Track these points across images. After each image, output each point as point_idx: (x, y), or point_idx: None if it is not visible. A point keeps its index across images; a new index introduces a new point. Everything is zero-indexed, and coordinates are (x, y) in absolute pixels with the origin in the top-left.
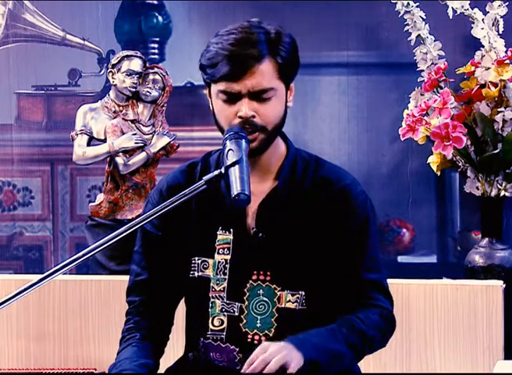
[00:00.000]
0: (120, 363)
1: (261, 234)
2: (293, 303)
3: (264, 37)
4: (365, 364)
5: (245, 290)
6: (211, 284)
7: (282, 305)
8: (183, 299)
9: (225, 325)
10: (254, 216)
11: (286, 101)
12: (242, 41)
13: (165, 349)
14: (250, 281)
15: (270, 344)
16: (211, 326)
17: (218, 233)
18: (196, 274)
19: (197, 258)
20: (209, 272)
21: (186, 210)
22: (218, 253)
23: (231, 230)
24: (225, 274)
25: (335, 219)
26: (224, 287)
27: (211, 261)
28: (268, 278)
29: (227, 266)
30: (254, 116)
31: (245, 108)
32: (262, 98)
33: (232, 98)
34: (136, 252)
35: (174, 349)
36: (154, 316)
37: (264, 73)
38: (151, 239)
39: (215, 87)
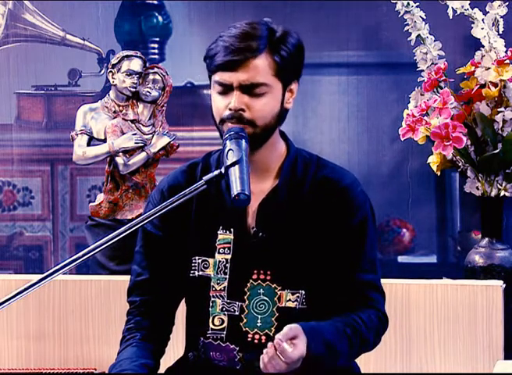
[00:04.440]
0: (120, 363)
1: (261, 234)
2: (293, 302)
3: (267, 32)
4: (365, 364)
5: (245, 289)
6: (212, 284)
7: (283, 305)
8: (184, 299)
9: (225, 324)
10: (254, 216)
11: (283, 102)
12: (243, 35)
13: (165, 349)
14: (251, 280)
15: (300, 337)
16: (211, 325)
17: (218, 232)
18: (196, 273)
19: (197, 258)
20: (210, 271)
21: (187, 210)
22: (219, 252)
23: (231, 229)
24: (225, 273)
25: (334, 219)
26: (224, 287)
27: (211, 260)
28: (268, 277)
29: (227, 265)
30: (243, 110)
31: (234, 100)
32: (254, 93)
33: (225, 90)
34: (137, 252)
35: (174, 349)
36: (155, 315)
37: (259, 68)
38: (151, 239)
39: (212, 78)
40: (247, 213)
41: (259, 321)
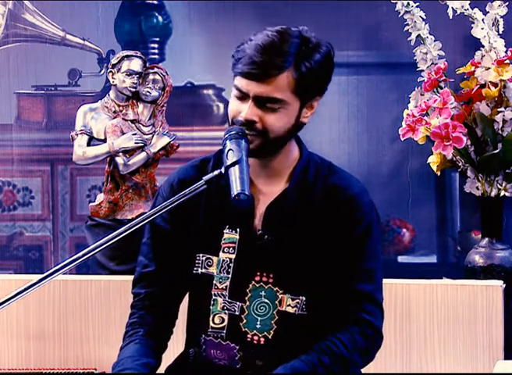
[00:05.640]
0: (122, 362)
1: (266, 236)
2: (292, 308)
3: (295, 49)
4: None
5: (247, 290)
6: (214, 282)
7: (283, 308)
8: (188, 295)
9: (225, 323)
10: (261, 218)
11: (299, 117)
12: (270, 47)
13: (168, 343)
14: (253, 282)
15: None
16: (211, 323)
17: (224, 231)
18: (199, 271)
19: (201, 255)
20: (213, 269)
21: (195, 206)
22: (224, 251)
23: (238, 229)
24: (228, 273)
25: (339, 227)
26: (226, 286)
27: (215, 259)
28: (270, 280)
29: (231, 265)
30: (255, 122)
31: (247, 111)
32: (268, 107)
33: (241, 96)
34: (144, 244)
35: (175, 345)
36: (159, 310)
37: (278, 84)
38: (159, 232)
39: (234, 80)
40: (254, 214)
41: (258, 323)
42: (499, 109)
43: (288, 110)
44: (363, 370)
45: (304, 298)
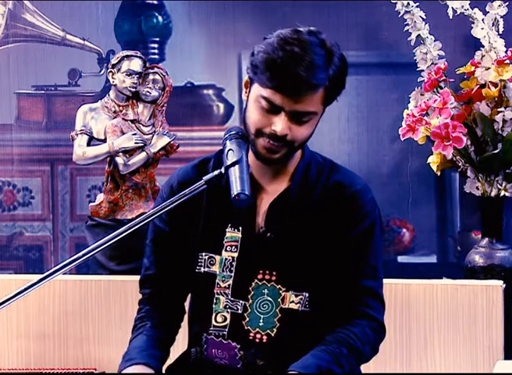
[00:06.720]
0: (129, 352)
1: (269, 234)
2: (296, 304)
3: (323, 61)
4: (365, 364)
5: (250, 288)
6: (217, 281)
7: (286, 306)
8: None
9: (227, 322)
10: (263, 216)
11: (318, 121)
12: (302, 60)
13: (176, 336)
14: (256, 280)
15: None
16: (214, 322)
17: (227, 230)
18: (202, 270)
19: (204, 254)
20: (215, 268)
21: (197, 206)
22: (226, 250)
23: (240, 228)
24: (231, 271)
25: (342, 224)
26: (229, 285)
27: (218, 257)
28: (273, 278)
29: (234, 263)
30: (287, 134)
31: (281, 125)
32: (301, 121)
33: (272, 109)
34: (146, 245)
35: (176, 346)
36: (165, 307)
37: (314, 99)
38: (159, 233)
39: (257, 89)
40: (256, 212)
41: (261, 321)
42: (499, 109)
43: (315, 119)
44: (363, 370)
45: (307, 294)
